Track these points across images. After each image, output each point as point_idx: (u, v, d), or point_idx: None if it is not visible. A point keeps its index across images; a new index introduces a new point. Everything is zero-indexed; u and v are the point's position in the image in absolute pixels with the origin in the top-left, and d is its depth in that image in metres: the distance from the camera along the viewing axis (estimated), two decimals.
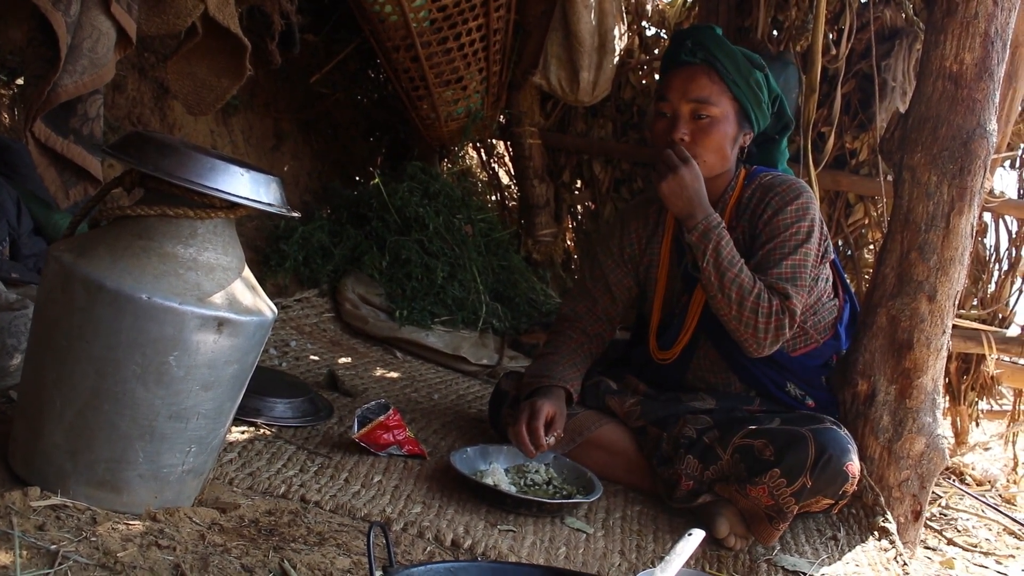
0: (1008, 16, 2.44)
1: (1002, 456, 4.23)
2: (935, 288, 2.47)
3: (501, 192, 5.09)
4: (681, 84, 2.41)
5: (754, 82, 2.42)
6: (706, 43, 2.41)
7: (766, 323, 2.30)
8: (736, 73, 2.40)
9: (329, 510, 1.96)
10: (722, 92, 2.40)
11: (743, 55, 2.43)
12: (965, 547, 3.22)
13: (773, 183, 2.45)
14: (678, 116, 2.40)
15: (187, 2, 2.35)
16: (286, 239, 3.81)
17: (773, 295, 2.31)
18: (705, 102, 2.38)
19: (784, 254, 2.35)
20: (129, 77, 3.62)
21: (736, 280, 2.30)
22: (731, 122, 2.42)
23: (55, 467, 1.64)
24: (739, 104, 2.42)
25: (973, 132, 2.44)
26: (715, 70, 2.40)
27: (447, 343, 3.66)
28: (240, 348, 1.68)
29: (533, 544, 2.02)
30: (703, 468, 2.29)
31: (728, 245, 2.33)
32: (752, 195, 2.47)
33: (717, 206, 2.46)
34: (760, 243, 2.40)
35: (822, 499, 2.20)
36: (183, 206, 1.64)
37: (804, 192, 2.42)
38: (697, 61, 2.42)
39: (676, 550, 1.66)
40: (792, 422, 2.27)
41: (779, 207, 2.40)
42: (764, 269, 2.35)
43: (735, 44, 2.50)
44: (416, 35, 3.97)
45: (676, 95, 2.41)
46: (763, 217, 2.41)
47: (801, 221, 2.38)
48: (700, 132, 2.39)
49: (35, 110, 2.04)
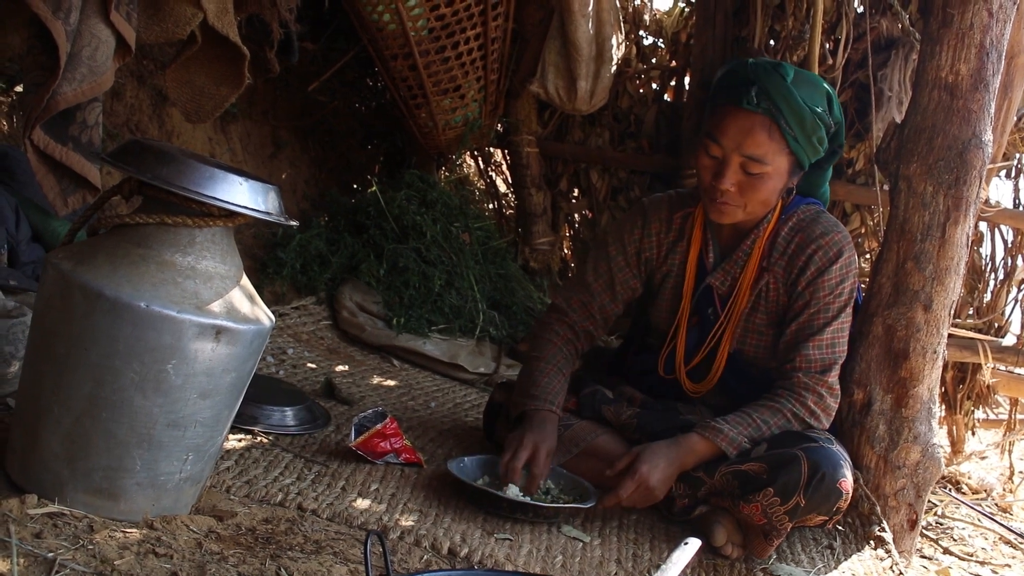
0: (1003, 27, 2.45)
1: (998, 465, 4.23)
2: (931, 297, 2.48)
3: (498, 200, 5.10)
4: (737, 134, 2.21)
5: (817, 140, 2.24)
6: (772, 94, 2.18)
7: (812, 423, 2.27)
8: (800, 130, 2.21)
9: (326, 518, 1.96)
10: (780, 150, 2.22)
11: (812, 111, 2.21)
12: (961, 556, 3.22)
13: (814, 229, 2.33)
14: (727, 165, 2.23)
15: (186, 10, 2.35)
16: (284, 247, 3.81)
17: (803, 399, 2.26)
18: (760, 161, 2.21)
19: (827, 319, 2.29)
20: (128, 85, 3.62)
21: (770, 430, 2.25)
22: (783, 176, 2.27)
23: (52, 475, 1.64)
24: (795, 158, 2.26)
25: (969, 142, 2.45)
26: (777, 126, 2.20)
27: (444, 351, 3.66)
28: (238, 356, 1.68)
29: (530, 552, 2.03)
30: (695, 491, 2.29)
31: (739, 428, 2.23)
32: (790, 236, 2.36)
33: (748, 237, 2.37)
34: (802, 302, 2.32)
35: (816, 516, 2.19)
36: (181, 214, 1.64)
37: (847, 245, 2.33)
38: (759, 111, 2.20)
39: (672, 559, 1.66)
40: (782, 442, 2.22)
41: (823, 265, 2.30)
42: (806, 336, 2.29)
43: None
44: (414, 44, 3.98)
45: (730, 143, 2.22)
46: (805, 274, 2.31)
47: (844, 282, 2.31)
48: (748, 185, 2.24)
49: (34, 117, 2.05)
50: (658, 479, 2.20)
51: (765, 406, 2.28)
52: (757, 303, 2.40)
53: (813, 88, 2.25)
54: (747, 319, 2.41)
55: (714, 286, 2.43)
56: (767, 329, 2.41)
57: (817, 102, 2.24)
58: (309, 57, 4.44)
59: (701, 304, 2.46)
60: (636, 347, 2.67)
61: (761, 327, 2.41)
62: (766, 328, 2.41)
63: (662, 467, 2.21)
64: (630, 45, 4.57)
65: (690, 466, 2.26)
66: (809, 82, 2.26)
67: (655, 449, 2.24)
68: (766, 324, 2.41)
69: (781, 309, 2.38)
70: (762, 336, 2.41)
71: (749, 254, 2.39)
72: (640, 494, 2.21)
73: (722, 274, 2.42)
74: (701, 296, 2.46)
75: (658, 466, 2.20)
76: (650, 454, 2.22)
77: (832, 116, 2.28)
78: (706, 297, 2.45)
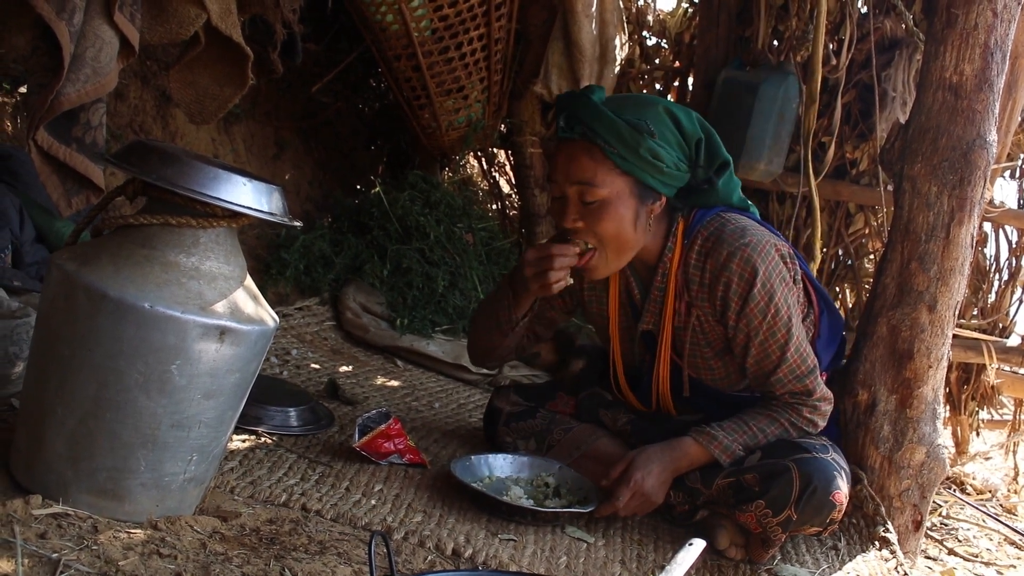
0: (1008, 27, 2.45)
1: (1003, 466, 4.23)
2: (935, 298, 2.48)
3: (502, 201, 5.10)
4: (563, 165, 2.15)
5: (646, 151, 2.10)
6: (582, 116, 2.12)
7: (810, 430, 2.25)
8: (621, 147, 2.10)
9: (330, 519, 1.96)
10: (609, 170, 2.12)
11: (628, 124, 2.09)
12: (966, 557, 3.22)
13: (720, 252, 2.17)
14: (566, 200, 2.16)
15: (190, 11, 2.36)
16: (287, 248, 3.82)
17: (798, 411, 2.23)
18: (589, 184, 2.12)
19: (781, 343, 2.18)
20: (131, 86, 3.63)
21: (767, 438, 2.23)
22: (626, 200, 2.14)
23: (57, 475, 1.64)
24: (633, 178, 2.14)
25: (973, 143, 2.45)
26: (596, 146, 2.11)
27: (448, 352, 3.66)
28: (242, 357, 1.68)
29: (534, 553, 2.02)
30: (693, 499, 2.29)
31: (734, 436, 2.22)
32: (700, 262, 2.21)
33: (657, 272, 2.26)
34: (743, 336, 2.19)
35: (809, 527, 2.18)
36: (186, 215, 1.65)
37: (759, 256, 2.15)
38: (576, 136, 2.13)
39: (676, 560, 1.66)
40: (775, 453, 2.19)
41: (743, 292, 2.15)
42: (771, 368, 2.20)
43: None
44: (417, 44, 3.98)
45: (560, 176, 2.16)
46: (730, 307, 2.17)
47: (774, 296, 2.16)
48: (591, 216, 2.14)
49: (38, 118, 2.05)
50: (652, 484, 2.19)
51: (762, 414, 2.26)
52: (696, 339, 2.29)
53: (637, 106, 2.16)
54: (691, 354, 2.32)
55: (649, 329, 2.35)
56: (715, 361, 2.31)
57: (642, 116, 2.12)
58: (312, 58, 4.43)
59: (648, 342, 2.39)
60: None
61: (709, 360, 2.31)
62: (714, 360, 2.31)
63: (656, 472, 2.20)
64: (633, 46, 4.57)
65: (684, 470, 2.25)
66: (631, 101, 2.22)
67: (649, 454, 2.23)
68: (712, 356, 2.30)
69: (722, 339, 2.27)
70: (713, 370, 2.32)
71: (664, 290, 2.28)
72: (637, 500, 2.20)
73: (649, 315, 2.32)
74: (645, 335, 2.37)
75: (652, 472, 2.20)
76: (644, 460, 2.22)
77: (683, 132, 2.16)
78: (649, 335, 2.37)
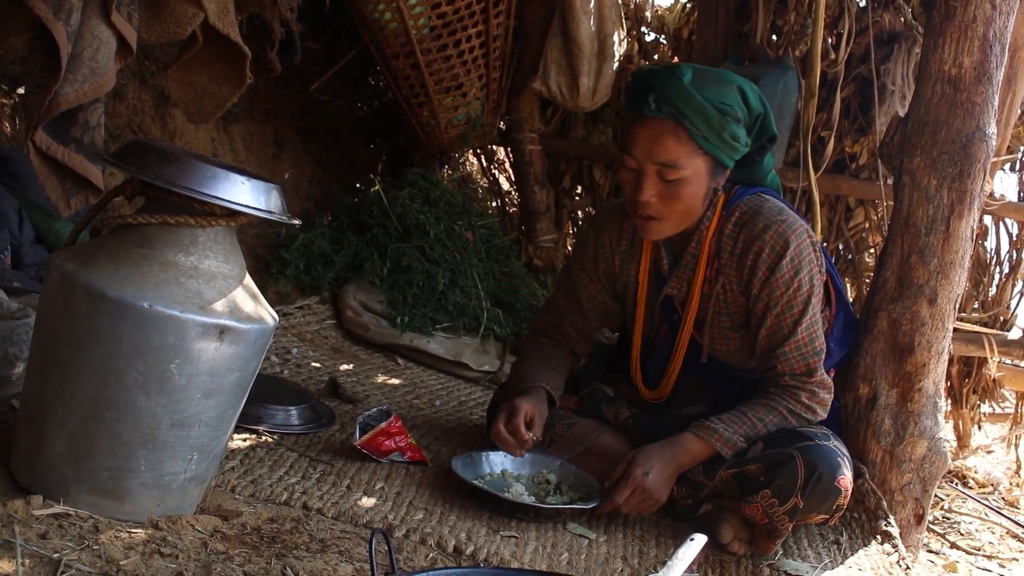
0: (1006, 20, 2.45)
1: (1004, 459, 4.23)
2: (936, 291, 2.47)
3: (502, 198, 5.10)
4: (646, 143, 2.16)
5: (729, 134, 2.16)
6: (671, 97, 2.13)
7: (809, 418, 2.26)
8: (707, 129, 2.14)
9: (331, 517, 1.96)
10: (692, 152, 2.16)
11: (716, 108, 2.14)
12: (968, 550, 3.22)
13: (756, 224, 2.24)
14: (643, 175, 2.18)
15: (187, 10, 2.35)
16: (287, 246, 3.81)
17: (796, 396, 2.24)
18: (673, 166, 2.15)
19: (795, 317, 2.23)
20: (129, 85, 3.63)
21: (767, 428, 2.24)
22: (703, 178, 2.20)
23: (57, 475, 1.64)
24: (712, 157, 2.19)
25: (972, 135, 2.44)
26: (683, 128, 2.14)
27: (448, 349, 3.66)
28: (242, 356, 1.68)
29: (535, 550, 2.02)
30: (696, 493, 2.28)
31: (734, 427, 2.22)
32: (735, 234, 2.27)
33: (692, 239, 2.31)
34: (762, 305, 2.25)
35: (816, 515, 2.18)
36: (184, 214, 1.64)
37: (793, 233, 2.23)
38: (662, 116, 2.15)
39: (678, 555, 1.66)
40: (778, 442, 2.20)
41: (772, 262, 2.21)
42: (780, 340, 2.24)
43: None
44: (416, 42, 3.97)
45: (641, 153, 2.17)
46: (757, 275, 2.23)
47: (800, 272, 2.23)
48: (668, 194, 2.18)
49: (36, 119, 2.05)
50: (654, 481, 2.19)
51: (760, 404, 2.26)
52: (718, 307, 2.33)
53: (719, 84, 2.19)
54: (711, 323, 2.35)
55: (673, 295, 2.38)
56: (732, 332, 2.34)
57: (725, 97, 2.16)
58: (311, 56, 4.43)
59: (667, 312, 2.41)
60: (621, 352, 2.65)
61: (726, 331, 2.35)
62: (731, 331, 2.34)
63: (657, 469, 2.20)
64: (632, 42, 4.56)
65: (687, 467, 2.24)
66: (713, 79, 2.20)
67: (649, 452, 2.23)
68: (730, 327, 2.34)
69: (743, 311, 2.31)
70: (729, 340, 2.36)
71: (697, 256, 2.32)
72: (639, 498, 2.20)
73: (677, 281, 2.36)
74: (665, 305, 2.41)
75: (653, 468, 2.20)
76: (644, 457, 2.22)
77: (749, 109, 2.21)
78: (669, 305, 2.40)
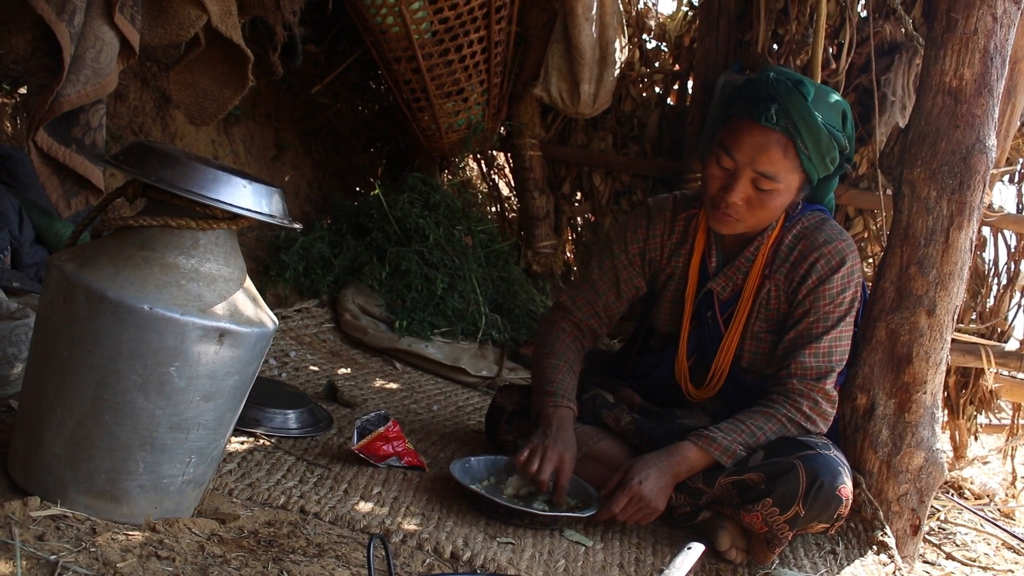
0: (1007, 32, 2.45)
1: (1001, 470, 4.22)
2: (934, 302, 2.48)
3: (501, 204, 5.10)
4: (751, 150, 2.18)
5: (830, 160, 2.22)
6: (792, 113, 2.16)
7: (809, 428, 2.26)
8: (815, 150, 2.19)
9: (328, 521, 1.95)
10: (793, 168, 2.20)
11: (829, 131, 2.18)
12: (964, 561, 3.21)
13: (817, 237, 2.31)
14: (737, 178, 2.21)
15: (190, 13, 2.36)
16: (286, 249, 3.82)
17: (797, 405, 2.25)
18: (772, 178, 2.19)
19: (826, 327, 2.28)
20: (131, 87, 3.63)
21: (766, 436, 2.24)
22: (792, 192, 2.25)
23: (55, 477, 1.64)
24: (806, 175, 2.24)
25: (972, 147, 2.45)
26: (793, 144, 2.17)
27: (447, 354, 3.66)
28: (241, 359, 1.68)
29: (532, 557, 2.02)
30: (695, 500, 2.28)
31: (732, 436, 2.22)
32: (793, 244, 2.34)
33: (752, 244, 2.35)
34: (802, 310, 2.30)
35: (817, 524, 2.18)
36: (185, 217, 1.65)
37: (850, 253, 2.31)
38: (777, 129, 2.17)
39: (675, 563, 1.66)
40: (779, 451, 2.20)
41: (825, 274, 2.28)
42: (803, 343, 2.28)
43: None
44: (417, 46, 3.98)
45: (743, 158, 2.19)
46: (807, 282, 2.29)
47: (846, 291, 2.29)
48: (756, 201, 2.23)
49: (38, 120, 2.05)
50: (650, 489, 2.19)
51: (759, 412, 2.27)
52: (758, 310, 2.38)
53: (831, 107, 2.23)
54: (746, 325, 2.40)
55: (715, 291, 2.42)
56: (766, 336, 2.39)
57: (834, 121, 2.22)
58: (312, 60, 4.44)
59: (701, 308, 2.45)
60: (638, 349, 2.66)
61: (760, 333, 2.39)
62: (765, 335, 2.39)
63: (654, 477, 2.20)
64: (633, 49, 4.57)
65: (684, 476, 2.24)
66: (828, 101, 2.23)
67: (647, 461, 2.23)
68: (765, 331, 2.39)
69: (781, 317, 2.37)
70: (760, 343, 2.40)
71: (752, 261, 2.37)
72: (635, 506, 2.19)
73: (724, 280, 2.41)
74: (701, 300, 2.45)
75: (649, 477, 2.20)
76: (641, 466, 2.22)
77: (846, 133, 2.26)
78: (706, 301, 2.44)
